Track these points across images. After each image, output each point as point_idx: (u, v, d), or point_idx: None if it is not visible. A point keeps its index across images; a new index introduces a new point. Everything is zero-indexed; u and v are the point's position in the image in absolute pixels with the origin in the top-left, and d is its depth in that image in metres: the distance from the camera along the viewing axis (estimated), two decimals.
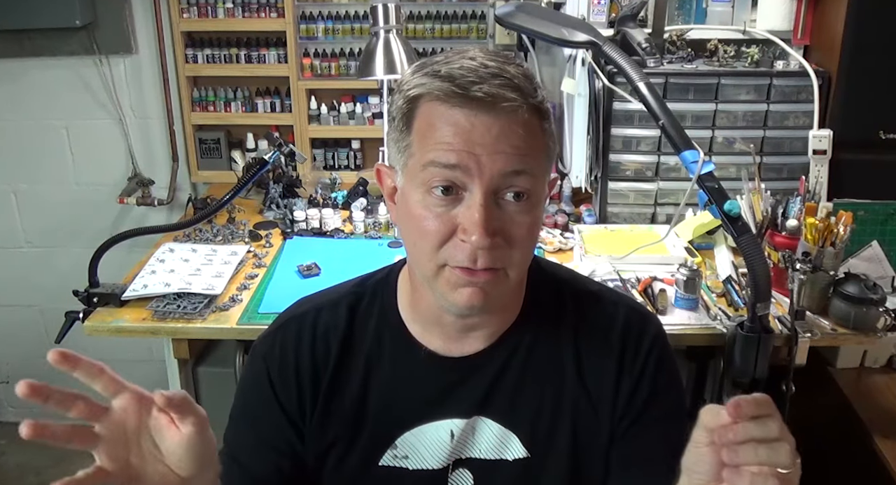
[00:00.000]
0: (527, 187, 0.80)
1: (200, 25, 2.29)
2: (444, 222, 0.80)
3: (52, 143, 2.46)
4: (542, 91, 0.82)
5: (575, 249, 1.91)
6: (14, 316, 2.70)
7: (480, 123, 0.77)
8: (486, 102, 0.76)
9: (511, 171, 0.78)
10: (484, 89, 0.76)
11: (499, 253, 0.81)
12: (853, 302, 1.54)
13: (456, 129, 0.77)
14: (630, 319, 0.95)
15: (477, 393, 0.92)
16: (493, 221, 0.79)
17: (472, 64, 0.78)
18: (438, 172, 0.79)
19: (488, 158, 0.77)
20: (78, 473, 0.64)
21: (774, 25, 2.03)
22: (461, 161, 0.77)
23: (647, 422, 0.92)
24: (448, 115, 0.78)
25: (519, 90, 0.78)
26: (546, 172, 0.84)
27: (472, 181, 0.78)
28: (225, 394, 1.02)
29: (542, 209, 0.85)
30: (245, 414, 0.98)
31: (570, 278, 1.00)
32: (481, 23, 2.27)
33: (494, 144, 0.77)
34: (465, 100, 0.77)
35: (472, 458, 0.93)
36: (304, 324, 0.96)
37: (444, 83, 0.77)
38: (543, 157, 0.82)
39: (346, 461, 0.95)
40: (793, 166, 1.95)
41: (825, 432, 1.78)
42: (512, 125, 0.78)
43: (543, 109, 0.82)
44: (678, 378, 0.98)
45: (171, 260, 1.83)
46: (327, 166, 2.42)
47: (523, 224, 0.81)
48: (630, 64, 1.52)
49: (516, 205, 0.80)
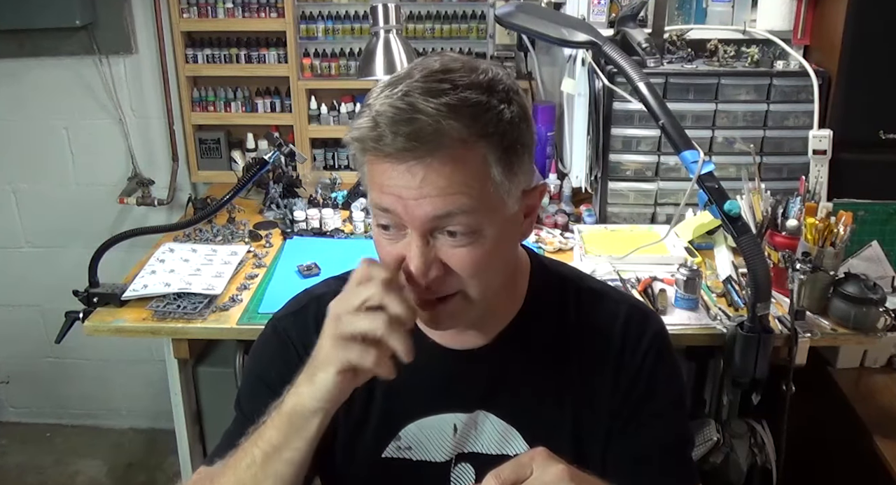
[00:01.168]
0: (464, 224, 0.78)
1: (200, 25, 2.29)
2: (393, 252, 0.82)
3: (52, 143, 2.46)
4: (497, 110, 0.78)
5: (575, 249, 1.91)
6: (14, 316, 2.70)
7: (404, 169, 0.76)
8: (402, 153, 0.76)
9: (440, 214, 0.77)
10: (397, 144, 0.75)
11: (448, 281, 0.81)
12: (853, 302, 1.54)
13: (385, 175, 0.78)
14: (631, 317, 0.95)
15: (479, 387, 0.93)
16: (430, 259, 0.80)
17: (396, 106, 0.75)
18: (378, 212, 0.81)
19: (414, 203, 0.77)
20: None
21: (774, 25, 2.03)
22: (392, 206, 0.79)
23: (641, 420, 0.93)
24: (377, 161, 0.79)
25: (437, 133, 0.74)
26: (498, 200, 0.80)
27: (406, 223, 0.79)
28: (225, 394, 1.02)
29: (495, 236, 0.81)
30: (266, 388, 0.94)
31: (573, 276, 1.01)
32: (481, 23, 2.27)
33: (419, 188, 0.76)
34: (382, 153, 0.77)
35: (475, 452, 0.94)
36: (323, 305, 0.95)
37: (369, 133, 0.76)
38: (488, 187, 0.79)
39: (352, 450, 0.96)
40: (793, 166, 1.95)
41: (825, 432, 1.79)
42: (438, 167, 0.76)
43: (489, 136, 0.77)
44: (677, 377, 0.98)
45: (171, 260, 1.83)
46: (327, 166, 2.42)
47: (464, 257, 0.80)
48: (630, 64, 1.52)
49: (452, 240, 0.80)
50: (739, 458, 1.61)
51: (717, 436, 1.58)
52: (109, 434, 2.83)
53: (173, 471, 2.55)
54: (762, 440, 1.62)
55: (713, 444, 1.58)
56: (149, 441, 2.79)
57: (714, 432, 1.59)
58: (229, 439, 0.97)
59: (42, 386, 2.78)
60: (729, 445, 1.60)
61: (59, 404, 2.82)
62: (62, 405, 2.82)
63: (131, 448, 2.77)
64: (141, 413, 2.82)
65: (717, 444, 1.58)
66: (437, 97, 0.76)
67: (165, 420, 2.25)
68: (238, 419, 0.99)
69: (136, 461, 2.71)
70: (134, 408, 2.83)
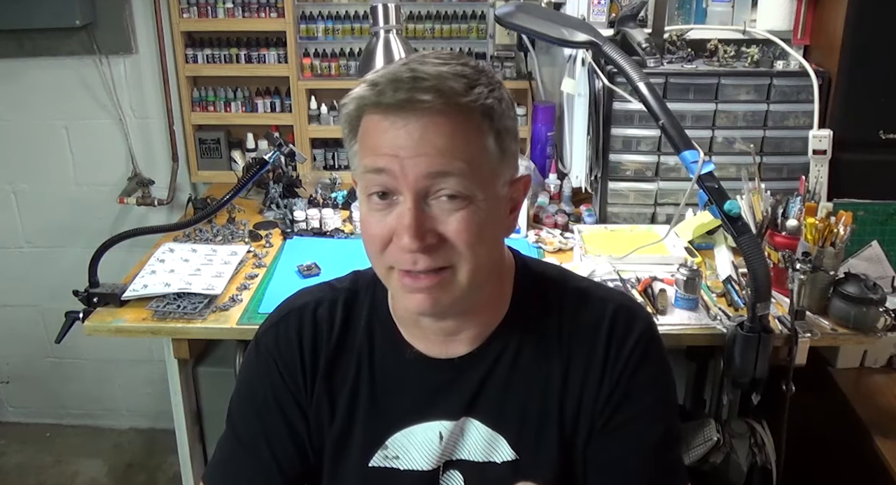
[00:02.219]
0: (458, 189, 0.79)
1: (200, 25, 2.29)
2: (384, 226, 0.81)
3: (52, 143, 2.46)
4: (489, 88, 0.81)
5: (575, 249, 1.91)
6: (14, 316, 2.70)
7: (402, 127, 0.78)
8: (402, 107, 0.77)
9: (435, 171, 0.78)
10: (398, 95, 0.77)
11: (439, 254, 0.81)
12: (853, 302, 1.54)
13: (381, 134, 0.79)
14: (617, 317, 0.93)
15: (464, 395, 0.92)
16: (424, 223, 0.79)
17: (398, 69, 0.79)
18: (372, 177, 0.81)
19: (411, 161, 0.78)
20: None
21: (774, 25, 2.03)
22: (387, 165, 0.79)
23: (617, 422, 0.91)
24: (375, 121, 0.80)
25: (438, 91, 0.77)
26: (492, 172, 0.82)
27: (400, 185, 0.79)
28: (225, 394, 1.02)
29: (490, 209, 0.82)
30: (254, 406, 0.97)
31: (558, 277, 0.99)
32: (481, 23, 2.27)
33: (415, 146, 0.77)
34: (382, 106, 0.78)
35: (462, 460, 0.94)
36: (305, 316, 0.97)
37: (367, 92, 0.79)
38: (482, 156, 0.80)
39: (340, 460, 0.96)
40: (793, 166, 1.95)
41: (825, 432, 1.79)
42: (436, 126, 0.77)
43: (482, 107, 0.80)
44: (663, 379, 0.95)
45: (171, 260, 1.83)
46: (327, 166, 2.42)
47: (458, 223, 0.80)
48: (630, 64, 1.52)
49: (449, 204, 0.80)
50: (739, 458, 1.61)
51: (717, 436, 1.58)
52: (109, 434, 2.83)
53: (173, 471, 2.55)
54: (762, 440, 1.62)
55: (713, 444, 1.58)
56: (149, 441, 2.79)
57: (714, 432, 1.58)
58: (222, 455, 0.99)
59: (42, 386, 2.78)
60: (729, 445, 1.60)
61: (59, 404, 2.82)
62: (62, 405, 2.82)
63: (131, 448, 2.77)
64: (141, 413, 2.83)
65: (717, 444, 1.58)
66: (435, 67, 0.79)
67: (165, 420, 2.25)
68: (228, 437, 0.99)
69: (136, 461, 2.71)
70: (134, 408, 2.83)
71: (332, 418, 0.95)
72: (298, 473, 0.97)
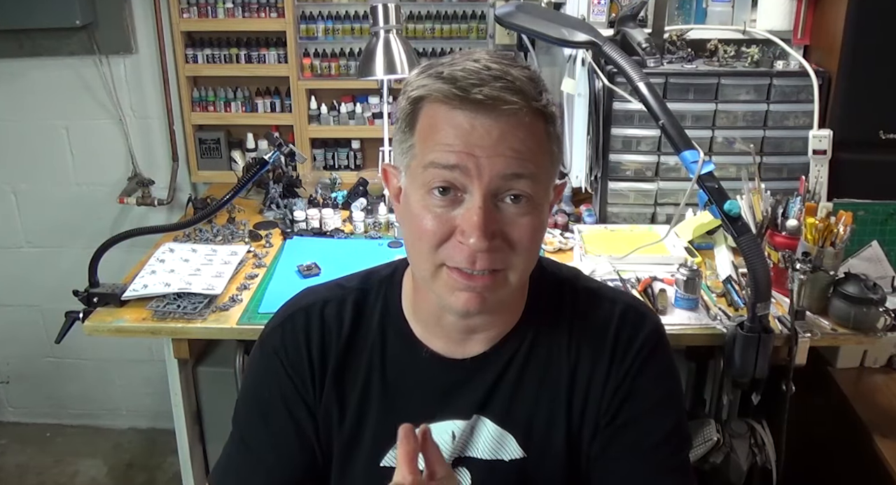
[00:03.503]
0: (527, 191, 0.80)
1: (200, 25, 2.29)
2: (443, 223, 0.80)
3: (52, 143, 2.46)
4: (548, 95, 0.82)
5: (575, 249, 1.91)
6: (14, 316, 2.70)
7: (481, 125, 0.77)
8: (486, 105, 0.76)
9: (510, 173, 0.78)
10: (484, 91, 0.76)
11: (499, 255, 0.81)
12: (853, 302, 1.54)
13: (456, 130, 0.78)
14: (625, 318, 0.94)
15: (477, 394, 0.93)
16: (492, 224, 0.79)
17: (475, 66, 0.78)
18: (438, 172, 0.79)
19: (487, 161, 0.77)
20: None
21: (774, 25, 2.03)
22: (460, 162, 0.78)
23: (620, 421, 0.92)
24: (449, 116, 0.78)
25: (521, 93, 0.77)
26: (550, 177, 0.84)
27: (472, 183, 0.78)
28: (225, 394, 1.02)
29: (545, 214, 0.84)
30: (261, 409, 0.97)
31: (571, 277, 1.00)
32: (481, 23, 2.27)
33: (494, 146, 0.77)
34: (465, 102, 0.77)
35: (471, 457, 0.94)
36: (312, 316, 0.96)
37: (445, 85, 0.78)
38: (547, 161, 0.82)
39: (350, 460, 0.95)
40: (793, 166, 1.95)
41: (825, 432, 1.79)
42: (513, 128, 0.77)
43: (548, 113, 0.81)
44: (668, 381, 0.96)
45: (171, 260, 1.83)
46: (327, 166, 2.42)
47: (524, 226, 0.81)
48: (630, 64, 1.52)
49: (516, 207, 0.80)
50: (739, 458, 1.61)
51: (717, 436, 1.58)
52: (109, 434, 2.83)
53: (173, 471, 2.55)
54: (762, 440, 1.62)
55: (713, 444, 1.58)
56: (149, 441, 2.79)
57: (714, 432, 1.58)
58: (228, 458, 0.99)
59: (42, 386, 2.78)
60: (729, 445, 1.60)
61: (59, 404, 2.82)
62: (62, 405, 2.82)
63: (131, 448, 2.77)
64: (141, 413, 2.83)
65: (717, 444, 1.58)
66: (511, 68, 0.79)
67: (165, 420, 2.25)
68: (235, 439, 0.99)
69: (136, 461, 2.71)
70: (134, 408, 2.83)
71: (342, 417, 0.95)
72: (306, 474, 0.96)
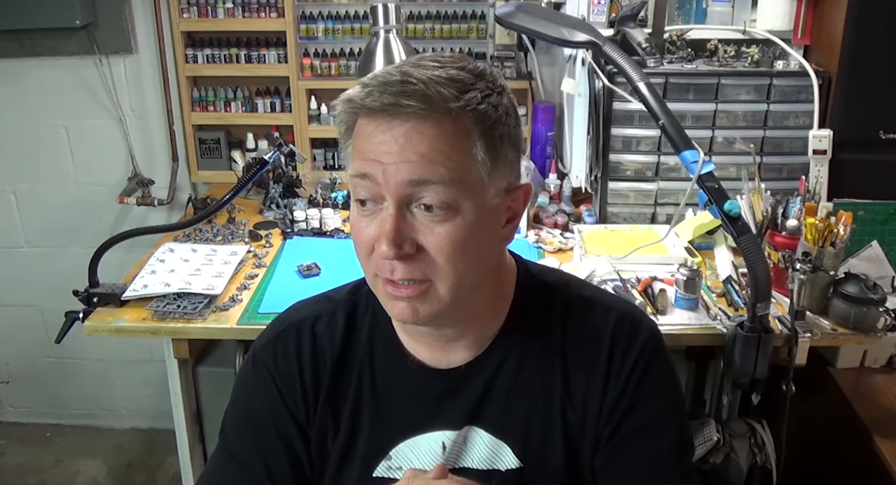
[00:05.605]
0: (440, 198, 0.77)
1: (200, 25, 2.29)
2: (369, 233, 0.80)
3: (52, 143, 2.46)
4: (483, 94, 0.79)
5: (575, 249, 1.91)
6: (14, 316, 2.70)
7: (388, 132, 0.76)
8: (387, 111, 0.76)
9: (417, 179, 0.76)
10: (383, 98, 0.75)
11: (417, 265, 0.80)
12: (853, 302, 1.54)
13: (369, 139, 0.78)
14: (620, 326, 0.92)
15: (467, 404, 0.92)
16: (403, 232, 0.78)
17: (388, 71, 0.78)
18: (357, 182, 0.80)
19: (394, 168, 0.77)
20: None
21: (774, 25, 2.03)
22: (370, 171, 0.78)
23: (625, 432, 0.90)
24: (361, 125, 0.79)
25: (424, 96, 0.75)
26: (481, 181, 0.80)
27: (383, 191, 0.78)
28: (225, 394, 1.02)
29: (472, 220, 0.79)
30: (250, 422, 0.97)
31: (561, 283, 0.98)
32: (481, 23, 2.27)
33: (400, 152, 0.76)
34: (367, 110, 0.77)
35: (466, 468, 0.93)
36: (303, 331, 0.96)
37: (356, 94, 0.78)
38: (469, 162, 0.78)
39: (342, 472, 0.95)
40: (793, 166, 1.95)
41: (825, 432, 1.78)
42: (421, 133, 0.76)
43: (476, 113, 0.78)
44: (669, 388, 0.94)
45: (171, 260, 1.83)
46: (327, 166, 2.42)
47: (440, 235, 0.78)
48: (630, 64, 1.52)
49: (430, 215, 0.78)
50: (739, 458, 1.61)
51: (717, 436, 1.58)
52: (109, 434, 2.83)
53: (173, 471, 2.55)
54: (762, 440, 1.62)
55: (713, 444, 1.58)
56: (149, 441, 2.79)
57: (714, 432, 1.59)
58: (214, 470, 0.98)
59: (42, 386, 2.78)
60: (729, 445, 1.60)
61: (59, 404, 2.82)
62: (62, 405, 2.82)
63: (131, 448, 2.77)
64: (141, 413, 2.83)
65: (717, 444, 1.58)
66: (429, 70, 0.78)
67: (165, 420, 2.25)
68: (222, 451, 0.98)
69: (136, 461, 2.71)
70: (134, 408, 2.83)
71: (335, 431, 0.94)
72: None
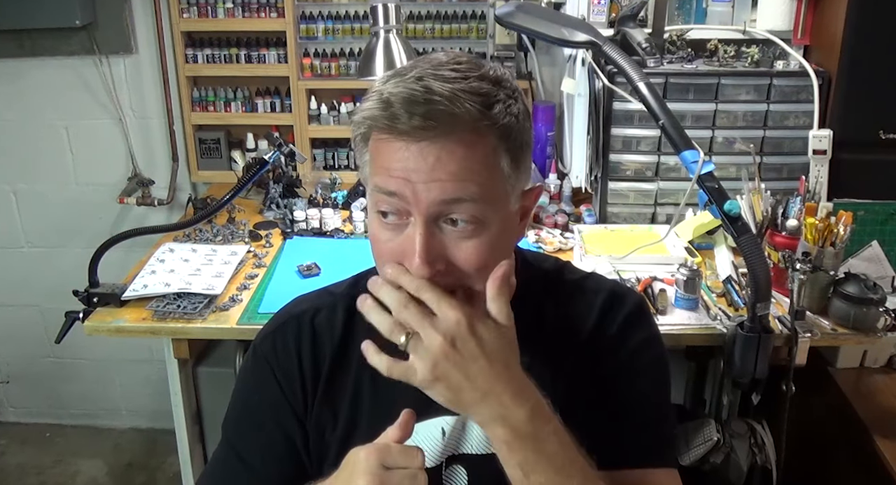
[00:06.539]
0: (470, 213, 0.78)
1: (200, 25, 2.29)
2: (393, 246, 0.80)
3: (52, 143, 2.46)
4: (506, 104, 0.79)
5: (575, 249, 1.91)
6: (14, 316, 2.70)
7: (417, 151, 0.76)
8: (417, 132, 0.75)
9: (449, 199, 0.77)
10: (413, 122, 0.75)
11: (450, 278, 0.80)
12: (853, 302, 1.54)
13: (394, 156, 0.77)
14: (607, 302, 0.95)
15: None
16: (434, 249, 0.78)
17: (413, 88, 0.76)
18: (381, 197, 0.79)
19: (424, 187, 0.76)
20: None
21: (774, 25, 2.03)
22: (398, 189, 0.77)
23: (616, 386, 0.92)
24: (387, 141, 0.78)
25: (453, 116, 0.75)
26: (506, 192, 0.81)
27: (412, 209, 0.78)
28: (225, 394, 1.02)
29: (498, 230, 0.81)
30: (250, 415, 0.97)
31: (554, 269, 1.00)
32: (481, 23, 2.27)
33: (430, 171, 0.76)
34: (396, 132, 0.76)
35: (465, 454, 0.94)
36: (303, 323, 0.96)
37: (381, 112, 0.77)
38: (496, 177, 0.79)
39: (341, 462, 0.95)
40: (793, 166, 1.95)
41: (825, 432, 1.79)
42: (451, 151, 0.76)
43: (501, 128, 0.78)
44: (656, 346, 0.96)
45: (171, 260, 1.83)
46: (327, 166, 2.42)
47: (470, 249, 0.79)
48: (630, 64, 1.52)
49: (460, 231, 0.79)
50: (739, 458, 1.61)
51: (717, 436, 1.58)
52: (109, 434, 2.83)
53: (173, 471, 2.55)
54: (762, 440, 1.62)
55: (713, 444, 1.58)
56: (149, 441, 2.79)
57: (714, 432, 1.58)
58: (217, 464, 0.99)
59: (42, 386, 2.78)
60: (729, 445, 1.60)
61: (59, 404, 2.82)
62: (62, 405, 2.82)
63: (131, 448, 2.77)
64: (141, 413, 2.83)
65: (717, 444, 1.58)
66: (451, 83, 0.77)
67: (165, 420, 2.25)
68: (224, 444, 0.99)
69: (136, 461, 2.71)
70: (134, 408, 2.83)
71: (334, 423, 0.95)
72: (294, 481, 0.96)
